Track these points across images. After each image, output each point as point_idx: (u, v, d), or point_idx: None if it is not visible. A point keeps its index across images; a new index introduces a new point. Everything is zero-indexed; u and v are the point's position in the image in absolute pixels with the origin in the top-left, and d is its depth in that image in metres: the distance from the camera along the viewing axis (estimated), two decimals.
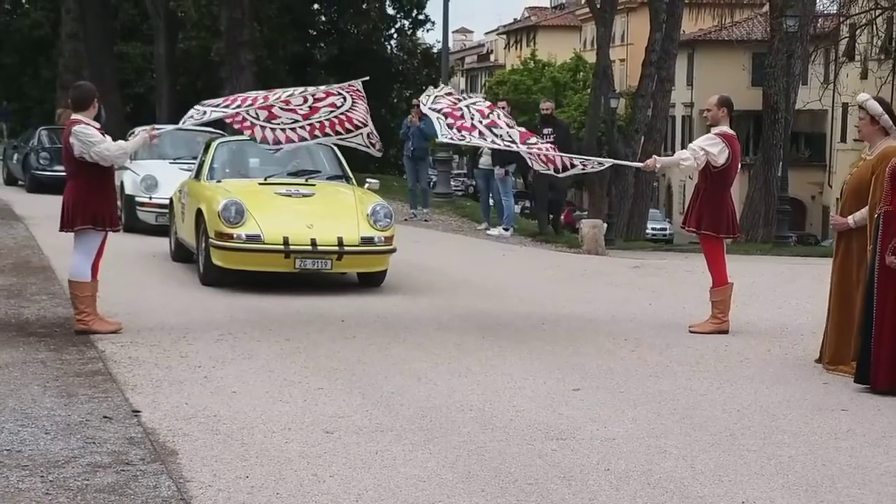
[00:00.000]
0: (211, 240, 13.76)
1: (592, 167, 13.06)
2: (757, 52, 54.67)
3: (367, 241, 13.92)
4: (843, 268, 10.28)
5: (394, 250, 14.23)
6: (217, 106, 11.82)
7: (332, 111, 12.28)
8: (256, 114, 11.95)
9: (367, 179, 16.54)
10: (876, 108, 10.01)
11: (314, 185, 15.24)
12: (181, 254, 16.07)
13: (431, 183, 29.76)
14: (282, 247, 13.54)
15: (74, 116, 11.02)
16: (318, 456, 7.31)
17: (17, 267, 15.35)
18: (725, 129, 12.14)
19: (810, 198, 63.92)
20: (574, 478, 7.01)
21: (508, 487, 6.79)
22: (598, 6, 38.43)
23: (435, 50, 54.40)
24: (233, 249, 13.62)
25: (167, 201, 17.34)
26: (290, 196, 14.62)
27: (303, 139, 12.23)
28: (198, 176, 15.88)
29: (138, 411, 8.26)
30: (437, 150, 29.28)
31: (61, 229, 11.16)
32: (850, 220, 10.15)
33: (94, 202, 10.97)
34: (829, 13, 39.53)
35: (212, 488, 6.63)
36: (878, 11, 35.62)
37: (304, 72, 49.29)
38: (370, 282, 14.58)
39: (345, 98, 12.38)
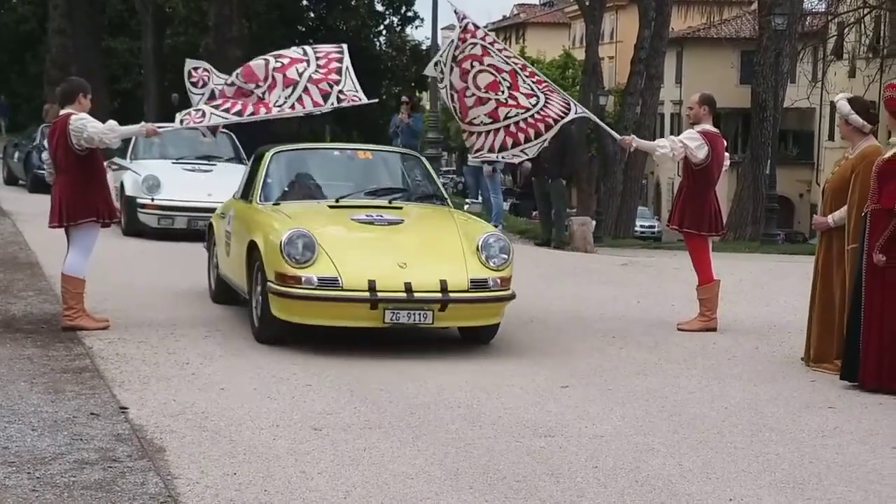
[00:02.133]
0: (270, 283, 10.46)
1: (575, 113, 12.44)
2: (745, 50, 54.72)
3: (479, 284, 10.52)
4: (824, 266, 10.33)
5: (512, 296, 10.79)
6: (218, 108, 11.66)
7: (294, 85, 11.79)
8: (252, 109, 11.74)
9: (467, 200, 14.03)
10: (844, 107, 10.07)
11: (401, 207, 11.68)
12: (224, 294, 12.76)
13: None
14: (367, 294, 10.21)
15: (64, 111, 11.00)
16: (307, 453, 7.31)
17: (4, 263, 15.31)
18: (707, 126, 12.19)
19: (798, 196, 63.99)
20: (562, 475, 7.01)
21: (496, 484, 6.79)
22: (587, 3, 38.44)
23: (424, 47, 54.36)
24: (300, 298, 10.29)
25: (170, 203, 16.38)
26: (372, 224, 11.17)
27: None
28: (247, 196, 12.31)
29: (125, 408, 8.24)
30: (427, 147, 29.25)
31: (56, 225, 11.08)
32: (830, 219, 10.19)
33: (94, 194, 10.99)
34: (818, 11, 39.54)
35: (199, 485, 6.62)
36: (866, 10, 35.65)
37: None
38: (478, 338, 11.14)
39: (308, 61, 11.95)
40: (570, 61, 78.19)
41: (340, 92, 11.90)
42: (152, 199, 18.59)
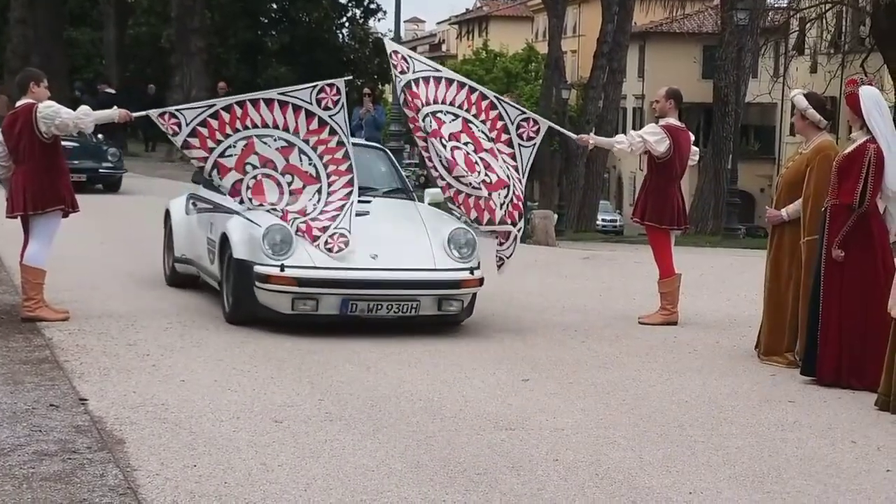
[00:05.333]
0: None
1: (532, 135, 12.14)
2: (708, 45, 54.86)
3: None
4: (776, 260, 10.40)
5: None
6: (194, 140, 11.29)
7: (301, 218, 11.18)
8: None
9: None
10: (801, 102, 10.15)
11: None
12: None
13: None
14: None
15: (22, 102, 10.95)
16: (267, 445, 7.29)
17: None
18: (672, 120, 12.26)
19: (759, 190, 64.19)
20: (523, 468, 7.02)
21: (457, 477, 6.80)
22: None
23: (386, 39, 54.30)
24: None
25: (313, 273, 10.77)
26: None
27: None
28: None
29: (85, 399, 8.20)
30: (389, 139, 29.23)
31: (20, 213, 10.95)
32: (784, 212, 10.26)
33: (58, 182, 10.98)
34: (780, 7, 39.67)
35: (159, 477, 6.59)
36: (827, 6, 35.79)
37: (255, 60, 49.17)
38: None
39: (319, 189, 11.40)
40: (532, 55, 78.25)
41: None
42: (282, 268, 10.86)
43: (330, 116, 11.54)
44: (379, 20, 68.17)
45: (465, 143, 11.73)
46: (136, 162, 32.33)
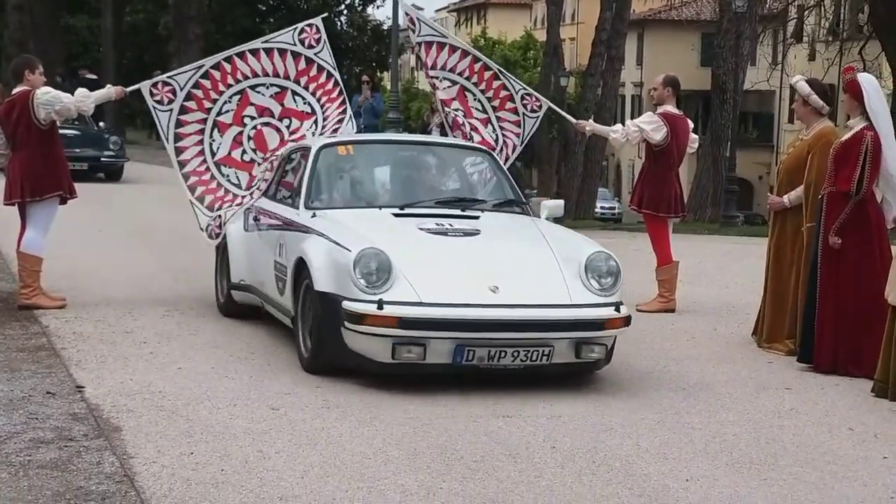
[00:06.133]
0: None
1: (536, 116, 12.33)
2: (706, 33, 54.80)
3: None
4: (778, 247, 10.39)
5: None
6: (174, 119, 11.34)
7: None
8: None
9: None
10: (804, 88, 10.13)
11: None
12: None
13: None
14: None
15: (21, 88, 10.94)
16: (264, 432, 7.29)
17: None
18: (669, 108, 12.24)
19: (758, 178, 64.23)
20: (520, 455, 7.01)
21: (454, 465, 6.79)
22: None
23: (385, 26, 54.25)
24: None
25: (420, 312, 8.30)
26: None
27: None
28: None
29: (82, 387, 8.20)
30: (388, 127, 29.19)
31: (18, 200, 10.95)
32: (786, 199, 10.26)
33: (57, 169, 11.00)
34: None
35: (156, 464, 6.59)
36: None
37: None
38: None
39: (316, 119, 11.47)
40: (531, 42, 78.23)
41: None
42: (379, 304, 8.33)
43: (315, 54, 11.72)
44: (377, 7, 68.24)
45: (455, 110, 11.88)
46: (135, 149, 32.34)
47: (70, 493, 6.07)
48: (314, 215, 9.55)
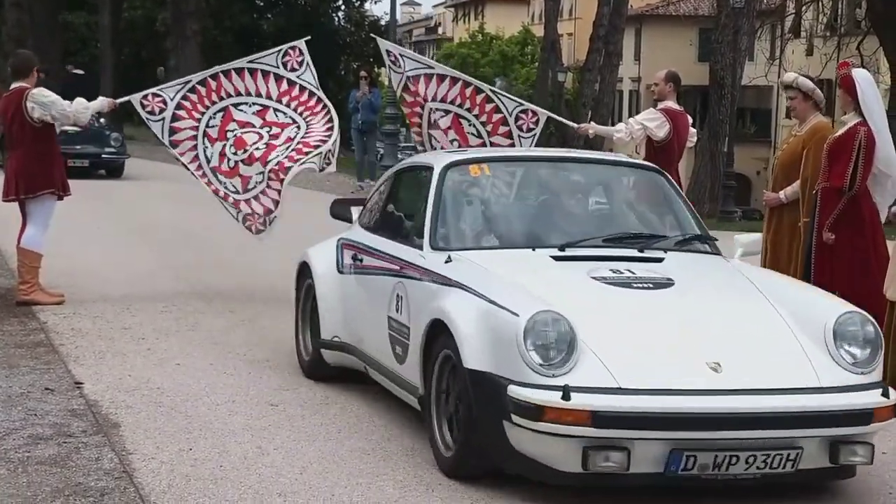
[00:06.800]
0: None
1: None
2: (704, 28, 54.76)
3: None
4: (775, 242, 10.38)
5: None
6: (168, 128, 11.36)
7: (288, 146, 11.27)
8: (209, 159, 11.37)
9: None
10: (807, 84, 10.12)
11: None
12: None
13: (379, 155, 29.71)
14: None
15: (18, 84, 10.93)
16: (263, 428, 7.29)
17: None
18: (671, 104, 12.19)
19: (755, 173, 64.12)
20: None
21: None
22: None
23: (383, 22, 54.25)
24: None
25: (615, 405, 5.95)
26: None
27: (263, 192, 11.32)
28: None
29: (80, 383, 8.21)
30: (385, 122, 29.22)
31: (13, 198, 10.98)
32: (782, 194, 10.24)
33: (51, 166, 11.01)
34: None
35: (155, 460, 6.60)
36: None
37: (250, 43, 48.93)
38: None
39: (299, 126, 11.46)
40: (529, 38, 78.20)
41: (329, 153, 11.36)
42: (565, 393, 5.95)
43: (297, 76, 11.74)
44: (375, 2, 68.35)
45: (452, 140, 11.77)
46: (133, 145, 32.24)
47: (69, 489, 6.08)
48: (449, 259, 7.17)
